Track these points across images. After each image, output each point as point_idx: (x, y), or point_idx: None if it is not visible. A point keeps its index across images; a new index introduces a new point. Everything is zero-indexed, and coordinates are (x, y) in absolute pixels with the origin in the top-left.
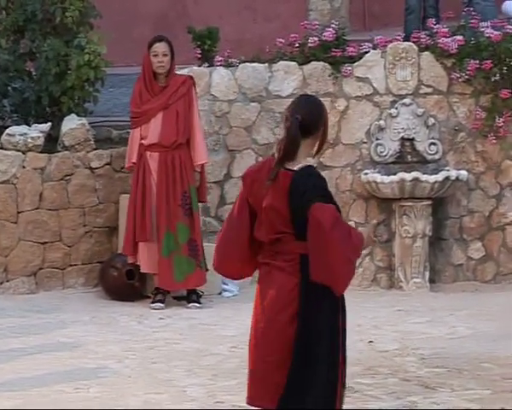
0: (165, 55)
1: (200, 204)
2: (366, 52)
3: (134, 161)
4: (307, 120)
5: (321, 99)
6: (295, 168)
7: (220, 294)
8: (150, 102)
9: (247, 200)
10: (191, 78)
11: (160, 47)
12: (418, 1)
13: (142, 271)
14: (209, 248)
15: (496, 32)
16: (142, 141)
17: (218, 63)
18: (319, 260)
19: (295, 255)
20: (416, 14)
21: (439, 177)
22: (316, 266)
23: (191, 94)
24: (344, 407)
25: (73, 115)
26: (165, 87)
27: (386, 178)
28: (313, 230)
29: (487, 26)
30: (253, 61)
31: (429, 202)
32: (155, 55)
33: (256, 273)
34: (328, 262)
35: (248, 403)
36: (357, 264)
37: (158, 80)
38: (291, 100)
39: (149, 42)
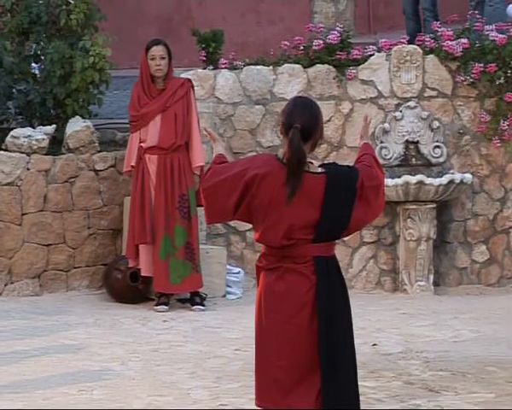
0: (162, 58)
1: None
2: (371, 55)
3: (133, 164)
4: (306, 126)
5: (326, 102)
6: (318, 170)
7: (224, 296)
8: (148, 106)
9: (247, 195)
10: (189, 80)
11: (158, 50)
12: (410, 5)
13: (142, 274)
14: (213, 251)
15: (500, 36)
16: (142, 144)
17: (223, 66)
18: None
19: (309, 258)
20: (412, 18)
21: (444, 180)
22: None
23: (189, 97)
24: None
25: (78, 117)
26: (163, 90)
27: (391, 181)
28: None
29: (492, 30)
30: (258, 64)
31: (434, 206)
32: (153, 59)
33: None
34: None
35: (258, 405)
36: (361, 267)
37: (156, 83)
38: None
39: (147, 45)
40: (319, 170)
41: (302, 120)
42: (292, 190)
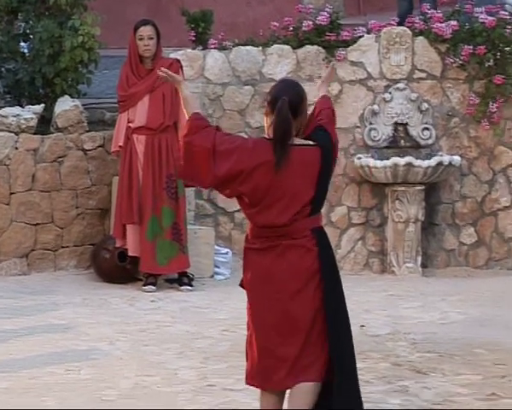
0: (150, 38)
1: (193, 189)
2: (360, 36)
3: (121, 144)
4: (294, 101)
5: (314, 83)
6: (310, 142)
7: (212, 277)
8: (137, 86)
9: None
10: (178, 61)
11: (146, 30)
12: None
13: (130, 254)
14: (201, 232)
15: (490, 18)
16: (130, 124)
17: (212, 46)
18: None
19: (308, 231)
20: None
21: (432, 162)
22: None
23: None
24: None
25: (67, 97)
26: (152, 70)
27: (380, 163)
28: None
29: (482, 12)
30: (247, 45)
31: (422, 187)
32: (141, 39)
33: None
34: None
35: (262, 388)
36: (349, 248)
37: (144, 64)
38: None
39: (135, 25)
40: (311, 142)
41: (290, 96)
42: (278, 160)
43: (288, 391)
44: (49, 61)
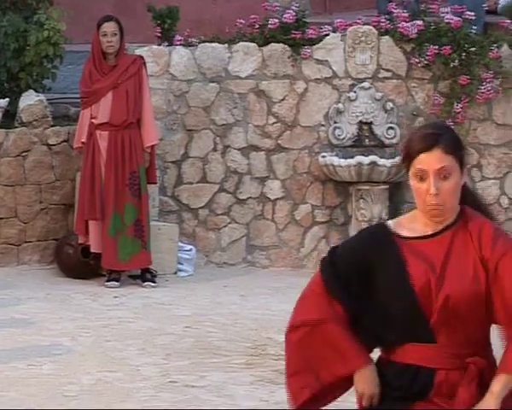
0: (114, 34)
1: (157, 185)
2: (326, 35)
3: (83, 140)
4: None
5: (280, 81)
6: None
7: (175, 273)
8: (100, 82)
9: None
10: (141, 57)
11: (109, 27)
12: None
13: (92, 250)
14: (165, 228)
15: (455, 18)
16: (93, 120)
17: (178, 43)
18: None
19: None
20: None
21: (397, 161)
22: None
23: (141, 74)
24: None
25: (31, 91)
26: (115, 67)
27: (344, 162)
28: None
29: (447, 12)
30: (213, 42)
31: (386, 187)
32: (104, 35)
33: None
34: None
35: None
36: (312, 247)
37: (107, 60)
38: (250, 81)
39: (98, 22)
40: None
41: None
42: None
43: None
44: (14, 55)
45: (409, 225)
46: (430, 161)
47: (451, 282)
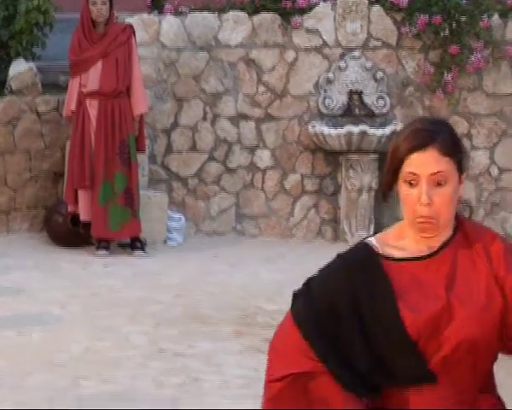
0: (103, 3)
1: (147, 154)
2: (316, 4)
3: (73, 108)
4: None
5: (270, 50)
6: None
7: (165, 242)
8: (89, 51)
9: None
10: (131, 26)
11: None
12: None
13: (81, 219)
14: (155, 197)
15: None
16: (82, 89)
17: (168, 11)
18: None
19: None
20: None
21: (387, 130)
22: None
23: (131, 42)
24: None
25: (21, 59)
26: (105, 35)
27: (334, 131)
28: None
29: None
30: (203, 10)
31: (376, 156)
32: (94, 4)
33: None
34: None
35: None
36: (302, 216)
37: (97, 29)
38: (240, 50)
39: None
40: None
41: None
42: None
43: None
44: (4, 23)
45: (396, 243)
46: (423, 162)
47: (460, 316)
